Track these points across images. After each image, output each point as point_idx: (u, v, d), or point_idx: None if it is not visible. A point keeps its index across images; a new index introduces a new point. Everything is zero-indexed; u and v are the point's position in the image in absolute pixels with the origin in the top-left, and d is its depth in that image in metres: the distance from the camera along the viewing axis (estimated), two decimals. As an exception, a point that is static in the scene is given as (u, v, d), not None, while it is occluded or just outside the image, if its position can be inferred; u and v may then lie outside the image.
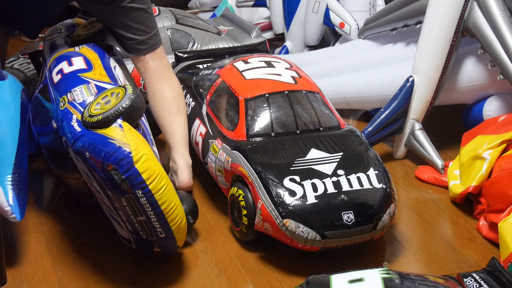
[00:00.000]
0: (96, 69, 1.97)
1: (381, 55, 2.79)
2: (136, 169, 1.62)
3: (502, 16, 2.23)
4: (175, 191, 1.73)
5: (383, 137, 2.40)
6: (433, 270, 1.86)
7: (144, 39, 2.13)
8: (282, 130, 2.01)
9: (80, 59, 2.01)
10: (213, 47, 2.86)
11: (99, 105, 1.72)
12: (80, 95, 1.84)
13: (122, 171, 1.62)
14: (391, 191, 1.89)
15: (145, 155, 1.64)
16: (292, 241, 1.79)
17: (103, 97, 1.75)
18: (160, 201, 1.66)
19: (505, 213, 1.91)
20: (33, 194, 2.29)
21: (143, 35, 2.13)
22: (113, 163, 1.62)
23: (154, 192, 1.65)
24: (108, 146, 1.63)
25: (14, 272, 1.85)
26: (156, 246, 1.78)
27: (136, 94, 1.73)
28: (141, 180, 1.63)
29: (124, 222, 1.76)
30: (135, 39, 2.13)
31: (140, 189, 1.63)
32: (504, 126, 2.16)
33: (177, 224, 1.72)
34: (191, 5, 4.32)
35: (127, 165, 1.61)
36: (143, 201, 1.65)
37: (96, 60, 2.02)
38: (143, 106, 1.76)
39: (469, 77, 2.43)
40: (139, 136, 1.69)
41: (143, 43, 2.14)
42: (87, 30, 2.27)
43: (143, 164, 1.63)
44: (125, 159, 1.61)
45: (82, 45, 2.11)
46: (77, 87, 1.87)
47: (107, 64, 2.05)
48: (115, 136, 1.64)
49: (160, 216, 1.68)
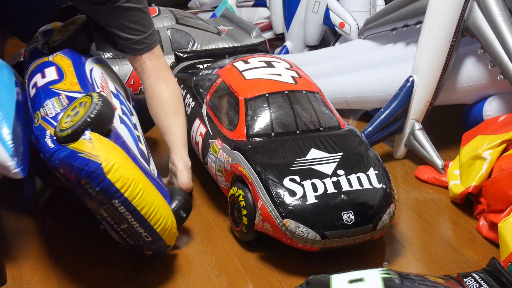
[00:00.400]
0: (67, 78, 1.93)
1: (381, 55, 2.79)
2: (109, 179, 1.61)
3: (502, 16, 2.23)
4: (155, 192, 1.71)
5: (383, 137, 2.40)
6: (433, 270, 1.86)
7: (140, 39, 2.11)
8: (282, 130, 2.01)
9: (52, 69, 1.97)
10: (213, 47, 2.87)
11: (69, 118, 1.70)
12: (52, 109, 1.80)
13: (95, 184, 1.61)
14: (391, 191, 1.89)
15: (116, 163, 1.62)
16: (292, 241, 1.79)
17: (72, 109, 1.72)
18: (139, 206, 1.65)
19: (505, 213, 1.91)
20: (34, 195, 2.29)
21: (139, 34, 2.11)
22: (85, 177, 1.60)
23: (131, 199, 1.64)
24: (78, 161, 1.61)
25: (14, 272, 1.85)
26: (146, 249, 1.77)
27: (102, 101, 1.69)
28: (115, 190, 1.61)
29: (110, 231, 1.76)
30: (131, 39, 2.11)
31: (116, 199, 1.62)
32: (504, 126, 2.16)
33: (161, 225, 1.71)
34: (191, 5, 4.33)
35: (99, 177, 1.60)
36: (122, 210, 1.64)
37: (69, 67, 1.98)
38: (111, 111, 1.74)
39: (469, 77, 2.43)
40: (109, 145, 1.67)
41: (140, 43, 2.12)
42: (62, 34, 2.21)
43: (115, 173, 1.61)
44: (96, 172, 1.60)
45: (56, 53, 2.07)
46: (48, 101, 1.83)
47: (81, 68, 2.01)
48: (84, 149, 1.62)
49: (142, 221, 1.67)
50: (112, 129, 1.75)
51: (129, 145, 1.80)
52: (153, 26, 2.17)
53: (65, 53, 2.06)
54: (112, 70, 2.28)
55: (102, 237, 1.94)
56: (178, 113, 2.16)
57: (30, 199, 2.29)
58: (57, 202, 2.23)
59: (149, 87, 2.17)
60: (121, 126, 1.86)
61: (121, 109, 1.99)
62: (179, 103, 2.19)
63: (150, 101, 2.17)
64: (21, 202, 2.24)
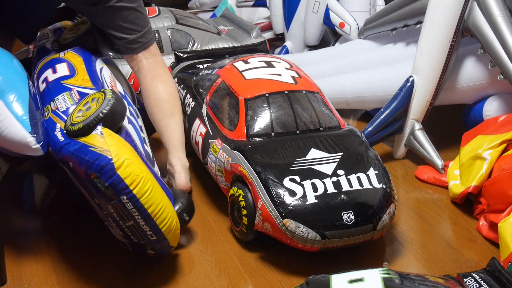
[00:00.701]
0: (79, 74, 1.95)
1: (381, 55, 2.79)
2: (119, 175, 1.61)
3: (502, 16, 2.23)
4: (162, 192, 1.72)
5: (383, 137, 2.40)
6: (433, 270, 1.86)
7: (135, 38, 2.11)
8: (282, 130, 2.00)
9: (64, 65, 1.98)
10: (213, 47, 2.86)
11: (80, 112, 1.71)
12: (63, 103, 1.81)
13: (105, 179, 1.61)
14: (391, 191, 1.89)
15: (127, 160, 1.63)
16: (292, 241, 1.79)
17: (84, 104, 1.74)
18: (146, 204, 1.66)
19: (505, 213, 1.91)
20: (33, 195, 2.30)
21: (134, 33, 2.10)
22: (95, 171, 1.61)
23: (139, 196, 1.64)
24: (89, 154, 1.62)
25: (14, 272, 1.85)
26: (149, 249, 1.78)
27: (115, 98, 1.71)
28: (124, 186, 1.62)
29: (115, 227, 1.76)
30: (126, 38, 2.10)
31: (124, 195, 1.63)
32: (504, 126, 2.16)
33: (167, 225, 1.71)
34: (191, 5, 4.33)
35: (109, 172, 1.61)
36: (129, 206, 1.65)
37: (80, 64, 2.00)
38: (123, 108, 1.75)
39: (469, 77, 2.43)
40: (120, 141, 1.68)
41: (135, 42, 2.12)
42: (73, 33, 2.24)
43: (126, 169, 1.62)
44: (106, 166, 1.61)
45: (67, 50, 2.09)
46: (59, 95, 1.84)
47: (92, 67, 2.02)
48: (96, 143, 1.63)
49: (148, 220, 1.68)
50: (123, 127, 1.76)
51: (137, 145, 1.81)
52: (149, 24, 2.16)
53: (76, 51, 2.08)
54: (120, 72, 2.30)
55: (103, 237, 1.94)
56: (175, 114, 2.16)
57: (30, 199, 2.29)
58: (58, 202, 2.23)
59: (145, 87, 2.17)
60: (129, 126, 1.87)
61: (128, 110, 2.00)
62: (176, 103, 2.19)
63: (147, 100, 2.17)
64: (21, 202, 2.24)
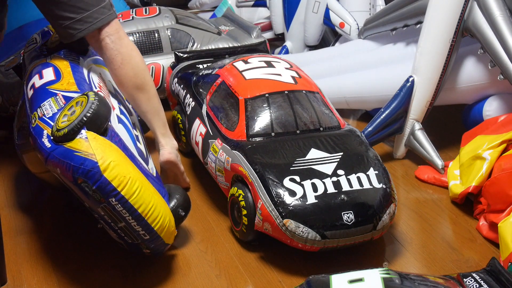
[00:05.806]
0: (64, 78, 1.93)
1: (381, 55, 2.79)
2: (105, 178, 1.61)
3: (502, 16, 2.23)
4: (153, 191, 1.71)
5: (383, 137, 2.40)
6: (433, 270, 1.86)
7: (82, 17, 1.95)
8: (282, 130, 2.01)
9: (50, 70, 1.97)
10: (213, 47, 2.86)
11: (66, 117, 1.70)
12: (49, 109, 1.80)
13: (92, 182, 1.61)
14: (391, 191, 1.89)
15: (113, 161, 1.63)
16: (292, 241, 1.79)
17: (69, 108, 1.73)
18: (136, 204, 1.65)
19: (505, 213, 1.91)
20: (33, 195, 2.29)
21: (81, 12, 1.94)
22: (82, 176, 1.61)
23: (128, 197, 1.64)
24: (75, 159, 1.62)
25: (14, 272, 1.85)
26: (145, 248, 1.78)
27: (98, 100, 1.69)
28: (112, 188, 1.62)
29: (108, 229, 1.76)
30: (73, 18, 1.95)
31: (113, 197, 1.63)
32: (504, 126, 2.16)
33: (159, 224, 1.71)
34: (191, 5, 4.32)
35: (96, 175, 1.61)
36: (119, 208, 1.65)
37: (66, 68, 1.98)
38: (108, 110, 1.73)
39: (469, 77, 2.43)
40: (105, 143, 1.67)
41: (82, 22, 1.96)
42: None
43: (112, 171, 1.62)
44: (92, 170, 1.61)
45: (54, 54, 2.06)
46: (45, 101, 1.83)
47: (79, 69, 2.00)
48: (80, 148, 1.63)
49: (139, 219, 1.67)
50: (109, 128, 1.75)
51: (126, 144, 1.80)
52: (104, 2, 1.99)
53: (63, 54, 2.06)
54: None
55: (102, 237, 1.94)
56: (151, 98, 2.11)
57: (30, 199, 2.29)
58: (57, 202, 2.23)
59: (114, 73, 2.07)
60: (119, 126, 1.86)
61: (119, 108, 1.99)
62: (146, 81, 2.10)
63: (119, 87, 2.12)
64: (21, 202, 2.24)
